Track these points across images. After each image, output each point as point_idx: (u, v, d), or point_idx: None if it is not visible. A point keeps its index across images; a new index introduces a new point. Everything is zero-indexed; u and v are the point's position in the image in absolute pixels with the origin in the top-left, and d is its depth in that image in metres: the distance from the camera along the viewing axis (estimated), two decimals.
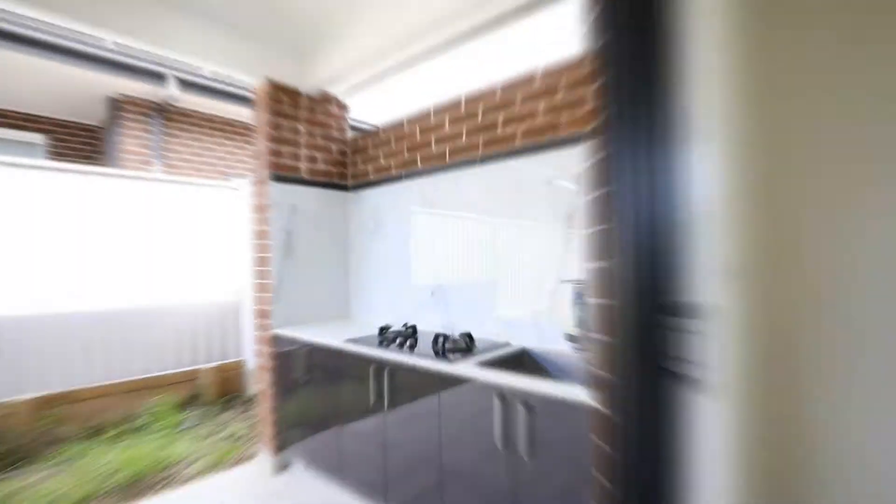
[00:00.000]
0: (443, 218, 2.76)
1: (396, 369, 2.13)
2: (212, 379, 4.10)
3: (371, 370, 2.21)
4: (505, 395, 1.69)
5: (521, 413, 1.62)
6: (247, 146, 5.55)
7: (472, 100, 2.62)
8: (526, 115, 2.36)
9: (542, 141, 2.29)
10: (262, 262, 3.04)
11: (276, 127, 3.00)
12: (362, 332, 2.75)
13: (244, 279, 4.42)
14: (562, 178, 2.20)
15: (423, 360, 1.99)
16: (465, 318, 2.64)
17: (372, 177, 3.24)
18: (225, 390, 4.21)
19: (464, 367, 1.85)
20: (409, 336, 2.47)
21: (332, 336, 2.62)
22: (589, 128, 1.35)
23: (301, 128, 3.14)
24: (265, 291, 3.00)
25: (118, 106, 4.69)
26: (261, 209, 3.04)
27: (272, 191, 2.96)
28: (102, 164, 4.99)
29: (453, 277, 2.71)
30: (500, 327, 2.46)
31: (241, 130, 5.52)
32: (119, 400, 3.60)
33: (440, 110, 2.79)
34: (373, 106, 3.96)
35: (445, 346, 2.16)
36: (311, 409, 2.65)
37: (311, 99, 3.19)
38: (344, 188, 3.40)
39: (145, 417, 3.60)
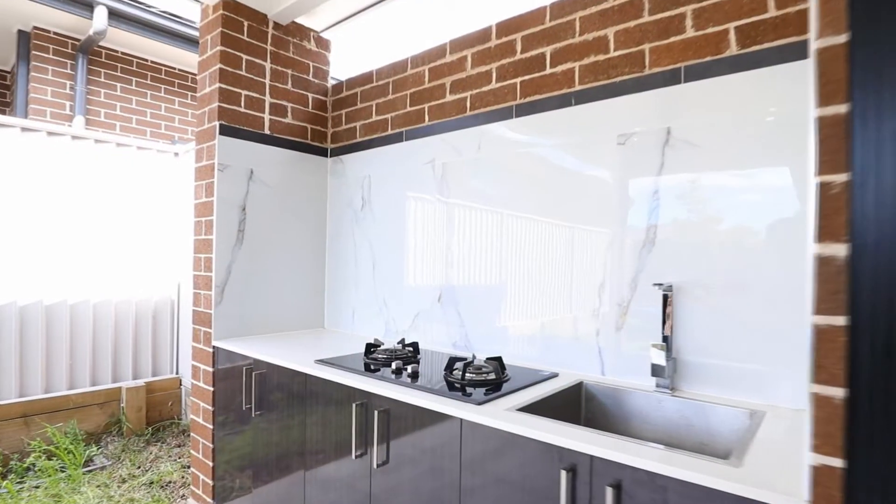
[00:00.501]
0: (458, 191, 2.19)
1: (391, 409, 1.54)
2: (137, 401, 3.45)
3: (354, 407, 1.62)
4: (577, 469, 1.12)
5: (609, 501, 1.05)
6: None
7: (507, 29, 2.05)
8: (590, 46, 1.80)
9: (614, 82, 1.73)
10: (202, 247, 2.42)
11: (231, 61, 2.39)
12: (342, 349, 2.16)
13: (185, 273, 3.78)
14: (647, 132, 1.65)
15: (431, 400, 1.41)
16: (486, 334, 2.07)
17: (360, 137, 2.65)
18: (154, 416, 3.56)
19: (497, 413, 1.28)
20: (407, 358, 1.89)
21: (296, 355, 2.02)
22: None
23: (266, 66, 2.54)
24: (205, 289, 2.39)
25: (31, 43, 4.01)
26: (204, 173, 2.42)
27: (221, 148, 2.35)
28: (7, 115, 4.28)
29: (469, 276, 2.14)
30: (538, 349, 1.90)
31: (192, 85, 4.86)
32: (4, 429, 2.93)
33: (459, 45, 2.22)
34: (363, 54, 3.36)
35: (466, 377, 1.59)
36: (266, 449, 2.04)
37: (281, 29, 2.59)
38: (322, 152, 2.79)
39: (39, 454, 2.94)
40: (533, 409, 1.39)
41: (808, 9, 1.22)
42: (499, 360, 1.69)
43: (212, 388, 2.34)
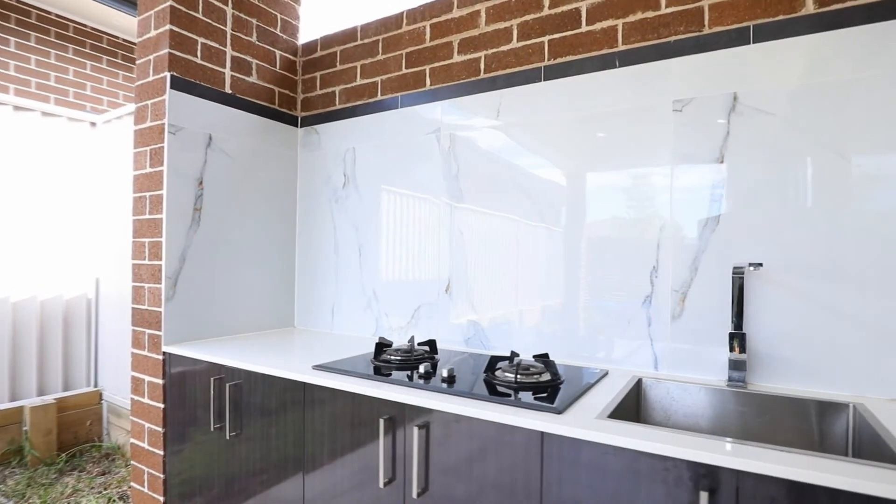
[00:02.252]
0: (470, 164, 1.91)
1: (431, 422, 1.24)
2: (45, 423, 2.81)
3: (381, 423, 1.30)
4: (719, 489, 0.90)
5: None
6: (119, 71, 4.17)
7: None
8: (636, 2, 1.61)
9: (667, 42, 1.55)
10: (146, 230, 1.95)
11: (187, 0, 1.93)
12: (335, 351, 1.81)
13: (105, 266, 3.16)
14: (708, 97, 1.47)
15: (494, 410, 1.14)
16: (505, 329, 1.82)
17: (341, 103, 2.28)
18: (69, 440, 2.94)
19: (587, 423, 1.03)
20: (428, 359, 1.60)
21: (280, 360, 1.65)
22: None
23: (227, 11, 2.10)
24: (151, 281, 1.92)
25: None
26: (148, 137, 1.94)
27: (173, 106, 1.89)
28: None
29: (485, 263, 1.87)
30: (572, 343, 1.68)
31: (109, 48, 4.14)
32: None
33: None
34: (335, 12, 2.95)
35: (519, 381, 1.33)
36: (246, 477, 1.65)
37: None
38: (291, 120, 2.39)
39: None
40: (617, 414, 1.16)
41: None
42: (546, 357, 1.44)
43: (162, 405, 1.89)
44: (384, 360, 1.59)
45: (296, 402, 1.51)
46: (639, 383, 1.44)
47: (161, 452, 1.90)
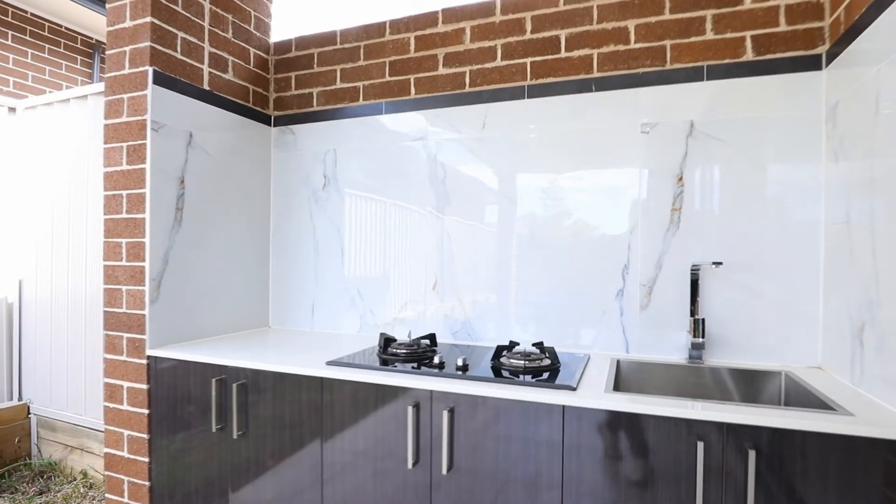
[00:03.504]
0: (457, 170, 2.08)
1: (456, 406, 1.41)
2: None
3: (409, 410, 1.43)
4: (709, 439, 1.17)
5: (751, 463, 1.13)
6: (28, 49, 3.75)
7: (514, 6, 2.01)
8: (609, 35, 1.87)
9: (636, 73, 1.83)
10: (126, 230, 1.88)
11: None
12: (337, 348, 1.90)
13: (29, 266, 2.89)
14: (671, 123, 1.78)
15: (521, 391, 1.33)
16: (489, 321, 2.02)
17: (319, 105, 2.34)
18: None
19: (601, 396, 1.26)
20: (433, 352, 1.75)
21: (281, 358, 1.72)
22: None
23: (205, 5, 2.07)
24: (131, 283, 1.87)
25: None
26: (125, 132, 1.88)
27: (155, 102, 1.85)
28: None
29: (471, 261, 2.05)
30: (554, 332, 1.92)
31: (17, 24, 3.72)
32: None
33: (455, 15, 2.10)
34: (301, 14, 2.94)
35: (526, 366, 1.53)
36: (254, 473, 1.68)
37: None
38: (264, 119, 2.39)
39: None
40: (616, 388, 1.40)
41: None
42: (541, 345, 1.66)
43: (146, 411, 1.85)
44: (392, 354, 1.71)
45: (312, 397, 1.58)
46: (617, 363, 1.70)
47: (146, 460, 1.85)
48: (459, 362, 1.55)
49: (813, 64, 1.62)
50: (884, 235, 1.21)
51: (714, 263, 1.64)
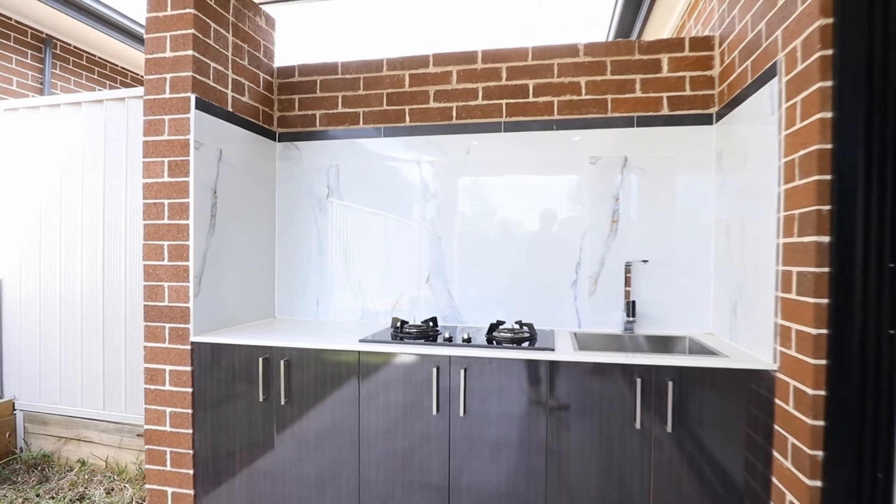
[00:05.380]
0: (445, 186, 2.59)
1: (468, 367, 1.94)
2: None
3: (434, 371, 1.94)
4: (644, 377, 1.80)
5: (669, 390, 1.77)
6: (12, 55, 3.70)
7: (493, 57, 2.56)
8: (566, 87, 2.48)
9: (586, 117, 2.45)
10: (168, 234, 2.20)
11: (202, 28, 2.23)
12: (351, 331, 2.34)
13: (10, 265, 2.99)
14: (611, 157, 2.42)
15: (517, 353, 1.89)
16: (473, 307, 2.56)
17: (321, 126, 2.74)
18: None
19: (573, 353, 1.86)
20: (436, 331, 2.26)
21: (320, 339, 2.15)
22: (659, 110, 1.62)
23: (229, 38, 2.41)
24: (176, 280, 2.19)
25: None
26: (169, 149, 2.20)
27: (197, 125, 2.19)
28: None
29: (458, 260, 2.58)
30: (525, 313, 2.50)
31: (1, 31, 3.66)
32: None
33: (444, 60, 2.61)
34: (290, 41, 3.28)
35: (513, 338, 2.09)
36: (301, 433, 2.09)
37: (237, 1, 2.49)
38: (270, 135, 2.76)
39: None
40: (581, 348, 2.01)
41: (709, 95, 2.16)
42: (522, 322, 2.23)
43: (190, 390, 2.19)
44: (406, 332, 2.20)
45: (349, 368, 2.03)
46: (575, 335, 2.32)
47: (189, 431, 2.18)
48: (465, 336, 2.08)
49: (707, 120, 2.33)
50: (747, 240, 1.92)
51: (643, 261, 2.30)
